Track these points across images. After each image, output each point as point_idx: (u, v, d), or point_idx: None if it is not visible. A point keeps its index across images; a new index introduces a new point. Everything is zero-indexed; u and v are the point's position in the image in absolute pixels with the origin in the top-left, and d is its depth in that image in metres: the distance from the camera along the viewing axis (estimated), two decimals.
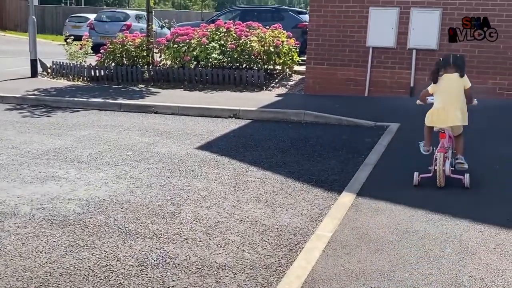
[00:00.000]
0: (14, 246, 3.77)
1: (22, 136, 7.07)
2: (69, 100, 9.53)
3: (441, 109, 5.12)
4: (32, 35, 12.50)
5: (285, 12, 17.15)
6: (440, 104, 5.15)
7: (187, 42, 11.88)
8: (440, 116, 5.12)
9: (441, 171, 4.97)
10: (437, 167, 5.00)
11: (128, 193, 4.95)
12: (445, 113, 5.09)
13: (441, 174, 4.97)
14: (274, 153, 6.47)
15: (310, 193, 5.03)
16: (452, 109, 5.07)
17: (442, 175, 4.97)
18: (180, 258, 3.65)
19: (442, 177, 4.98)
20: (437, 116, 5.14)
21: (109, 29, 21.04)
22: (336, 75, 10.32)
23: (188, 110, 9.00)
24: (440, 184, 4.99)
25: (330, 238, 3.92)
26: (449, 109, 5.08)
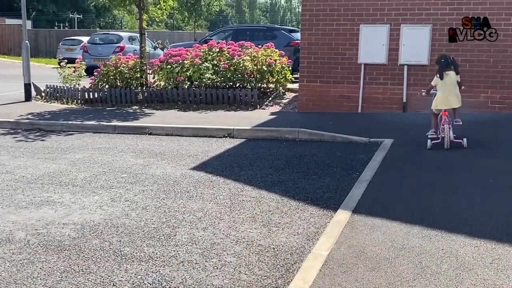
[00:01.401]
0: (9, 273, 3.74)
1: (16, 161, 7.05)
2: (63, 124, 9.53)
3: (445, 97, 7.26)
4: (26, 59, 12.55)
5: (277, 30, 17.28)
6: (444, 93, 7.27)
7: (180, 63, 11.95)
8: (443, 102, 7.26)
9: (448, 137, 7.09)
10: (445, 135, 7.11)
11: (123, 216, 4.93)
12: (447, 100, 7.25)
13: (448, 139, 7.09)
14: (269, 171, 6.47)
15: (306, 212, 5.02)
16: (452, 96, 7.27)
17: (448, 140, 7.09)
18: (177, 281, 3.63)
19: (448, 141, 7.09)
20: (441, 102, 7.27)
21: (103, 52, 21.15)
22: (329, 92, 10.38)
23: (183, 131, 9.01)
24: (447, 146, 7.08)
25: (327, 257, 3.90)
26: (450, 97, 7.26)
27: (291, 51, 14.92)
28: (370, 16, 10.16)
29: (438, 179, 5.92)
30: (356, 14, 10.20)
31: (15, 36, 35.62)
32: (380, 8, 10.10)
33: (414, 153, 7.20)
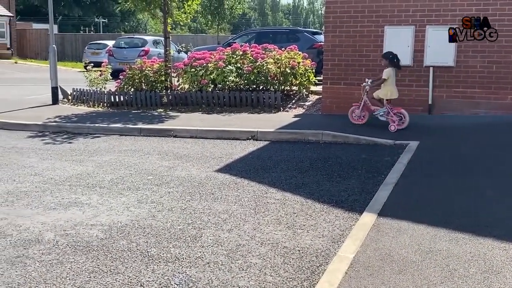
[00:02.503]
0: (38, 273, 3.82)
1: (45, 163, 7.19)
2: (90, 126, 9.68)
3: (394, 88, 8.84)
4: (53, 63, 12.78)
5: (300, 33, 17.27)
6: (392, 85, 8.81)
7: (204, 66, 12.04)
8: (394, 92, 8.83)
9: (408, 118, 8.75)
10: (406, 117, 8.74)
11: (150, 217, 4.98)
12: (393, 91, 8.83)
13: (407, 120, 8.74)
14: (293, 174, 6.48)
15: (331, 214, 5.01)
16: (395, 88, 8.88)
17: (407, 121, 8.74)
18: (203, 282, 3.66)
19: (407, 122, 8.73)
20: (393, 92, 8.82)
21: (128, 55, 21.42)
22: (353, 94, 10.32)
23: (207, 133, 9.07)
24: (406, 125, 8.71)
25: (353, 259, 3.89)
26: (394, 89, 8.85)
27: (314, 53, 14.89)
28: (394, 17, 10.08)
29: (465, 182, 5.84)
30: (380, 16, 10.14)
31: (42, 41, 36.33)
32: (405, 10, 10.02)
33: (441, 156, 7.12)
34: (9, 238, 4.46)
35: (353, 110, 9.32)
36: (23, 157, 7.55)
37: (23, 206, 5.34)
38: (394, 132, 8.45)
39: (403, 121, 8.74)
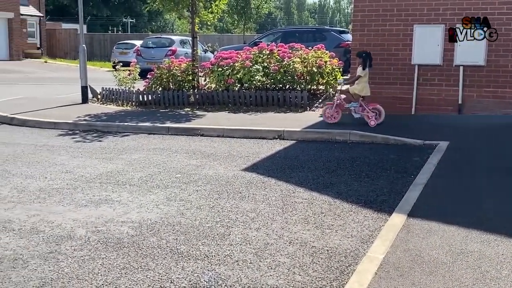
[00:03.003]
0: (71, 268, 3.89)
1: (75, 161, 7.32)
2: (119, 125, 9.81)
3: (366, 86, 9.10)
4: (83, 62, 12.99)
5: (327, 32, 17.21)
6: (366, 83, 9.13)
7: (231, 65, 12.08)
8: (368, 89, 9.15)
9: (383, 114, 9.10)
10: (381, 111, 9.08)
11: (179, 215, 5.03)
12: (367, 88, 9.15)
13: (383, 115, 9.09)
14: (321, 173, 6.46)
15: (359, 214, 4.98)
16: (368, 86, 9.19)
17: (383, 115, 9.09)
18: (232, 280, 3.68)
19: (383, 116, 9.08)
20: (367, 89, 9.13)
21: (155, 55, 21.64)
22: (381, 93, 10.24)
23: (233, 132, 9.10)
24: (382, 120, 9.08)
25: (382, 260, 3.86)
26: (367, 86, 9.17)
27: (341, 52, 14.83)
28: (424, 16, 9.97)
29: (496, 183, 5.75)
30: (409, 14, 10.03)
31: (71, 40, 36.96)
32: (434, 8, 9.89)
33: (471, 156, 7.01)
34: (41, 234, 4.56)
35: (326, 109, 9.50)
36: (54, 155, 7.70)
37: (55, 203, 5.45)
38: (422, 132, 8.34)
39: (379, 116, 9.04)
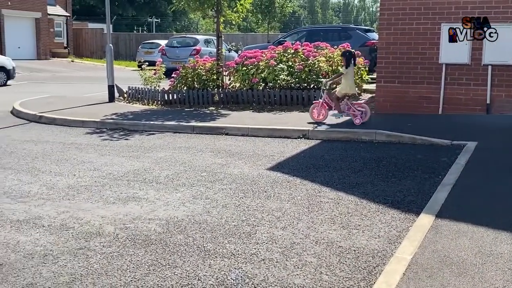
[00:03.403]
0: (100, 264, 3.95)
1: (103, 159, 7.42)
2: (145, 124, 9.90)
3: (351, 84, 9.26)
4: (110, 62, 13.16)
5: (352, 30, 17.08)
6: (350, 81, 9.25)
7: (256, 65, 12.09)
8: (352, 87, 9.28)
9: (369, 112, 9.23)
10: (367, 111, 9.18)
11: (205, 213, 5.06)
12: (352, 86, 9.32)
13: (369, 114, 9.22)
14: (347, 173, 6.42)
15: (387, 215, 4.94)
16: (353, 83, 9.40)
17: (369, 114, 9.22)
18: (259, 278, 3.69)
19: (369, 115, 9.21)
20: (350, 88, 9.23)
21: (180, 54, 21.81)
22: (408, 93, 10.14)
23: (258, 131, 9.11)
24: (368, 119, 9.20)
25: (410, 260, 3.82)
26: (353, 84, 9.37)
27: (367, 51, 14.72)
28: (452, 14, 9.82)
29: None
30: (437, 13, 9.89)
31: (97, 40, 37.49)
32: (462, 7, 9.74)
33: (500, 157, 6.89)
34: (71, 231, 4.63)
35: (314, 107, 9.62)
36: (82, 153, 7.82)
37: (84, 200, 5.53)
38: (449, 132, 8.24)
39: (365, 115, 9.17)
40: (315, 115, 9.57)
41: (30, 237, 4.48)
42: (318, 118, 9.52)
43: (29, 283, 3.65)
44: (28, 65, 26.95)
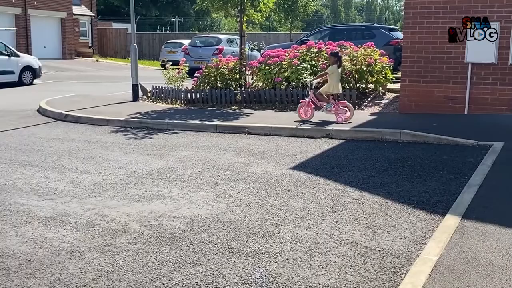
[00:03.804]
0: (126, 261, 3.99)
1: (128, 157, 7.50)
2: (169, 122, 9.98)
3: (335, 84, 9.45)
4: (134, 61, 13.29)
5: (376, 29, 16.92)
6: (334, 81, 9.43)
7: (279, 64, 12.08)
8: (337, 87, 9.47)
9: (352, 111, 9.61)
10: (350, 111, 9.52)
11: (228, 212, 5.08)
12: (338, 86, 9.51)
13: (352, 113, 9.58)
14: (371, 173, 6.37)
15: (412, 215, 4.89)
16: (339, 83, 9.60)
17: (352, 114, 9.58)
18: (283, 277, 3.69)
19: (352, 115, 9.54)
20: (335, 87, 9.44)
21: (203, 54, 21.91)
22: (433, 92, 10.01)
23: (281, 131, 9.10)
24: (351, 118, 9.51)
25: (436, 262, 3.78)
26: (339, 84, 9.56)
27: (391, 50, 14.57)
28: (478, 13, 9.66)
29: None
30: (463, 11, 9.74)
31: (121, 40, 37.87)
32: (489, 5, 9.57)
33: None
34: (97, 228, 4.70)
35: (301, 106, 9.84)
36: (107, 151, 7.91)
37: (109, 197, 5.60)
38: (475, 132, 8.12)
39: (349, 113, 9.46)
40: (302, 114, 9.79)
41: (57, 234, 4.56)
42: (305, 116, 9.75)
43: (57, 279, 3.71)
44: (54, 64, 27.37)
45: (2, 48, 18.64)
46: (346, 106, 9.54)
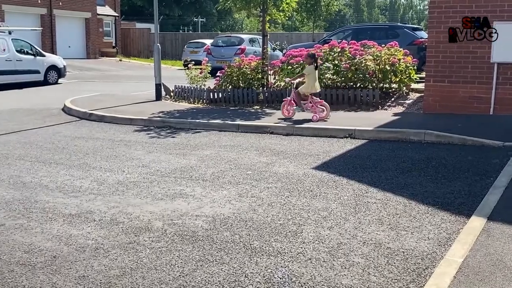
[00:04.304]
0: (149, 259, 4.02)
1: (151, 156, 7.56)
2: (191, 122, 10.03)
3: (312, 84, 9.80)
4: (157, 61, 13.39)
5: (400, 29, 16.76)
6: (311, 81, 9.79)
7: (301, 63, 12.03)
8: (313, 87, 9.82)
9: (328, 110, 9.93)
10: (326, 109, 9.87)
11: (251, 211, 5.08)
12: (313, 86, 9.80)
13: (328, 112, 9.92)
14: (394, 174, 6.31)
15: (436, 216, 4.83)
16: (317, 83, 9.98)
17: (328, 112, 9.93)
18: (305, 277, 3.68)
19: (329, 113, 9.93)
20: (311, 87, 9.80)
21: (225, 54, 21.96)
22: (458, 92, 9.87)
23: (303, 130, 9.08)
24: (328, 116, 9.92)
25: (461, 263, 3.73)
26: (317, 83, 9.93)
27: (415, 50, 14.41)
28: (505, 12, 9.49)
29: None
30: (489, 11, 9.58)
31: (144, 40, 38.21)
32: None
33: None
34: (121, 225, 4.74)
35: (283, 105, 10.29)
36: (130, 150, 7.99)
37: (133, 195, 5.65)
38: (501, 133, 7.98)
39: (325, 112, 9.84)
40: (285, 112, 10.20)
41: (81, 231, 4.62)
42: (288, 114, 10.15)
43: (81, 276, 3.76)
44: (78, 64, 27.75)
45: (28, 48, 18.96)
46: (323, 105, 9.92)
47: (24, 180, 6.32)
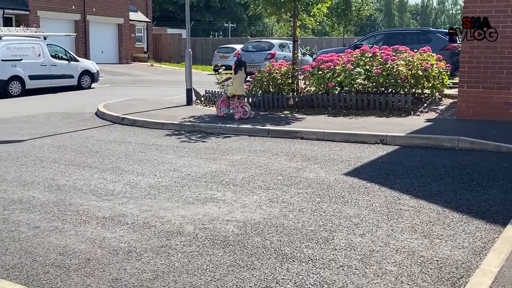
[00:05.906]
0: (181, 263, 4.05)
1: (182, 160, 7.63)
2: (221, 127, 10.09)
3: (237, 87, 11.10)
4: (188, 66, 13.52)
5: (432, 34, 16.54)
6: (237, 84, 11.11)
7: (332, 69, 11.98)
8: (239, 89, 11.07)
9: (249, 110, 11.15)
10: (247, 110, 11.10)
11: (282, 216, 5.07)
12: (238, 88, 11.09)
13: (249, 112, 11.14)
14: (427, 181, 6.22)
15: (471, 225, 4.74)
16: (242, 86, 11.25)
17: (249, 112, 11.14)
18: (337, 285, 3.65)
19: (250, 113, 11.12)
20: (237, 89, 11.06)
21: (255, 58, 22.03)
22: (492, 98, 9.67)
23: (333, 136, 9.02)
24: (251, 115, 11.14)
25: (497, 273, 3.65)
26: (241, 87, 11.18)
27: (448, 55, 14.19)
28: None
29: None
30: None
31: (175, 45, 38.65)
32: None
33: None
34: (153, 229, 4.80)
35: (218, 104, 11.65)
36: (162, 154, 8.08)
37: (164, 199, 5.71)
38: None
39: (246, 112, 11.04)
40: (218, 111, 11.59)
41: (115, 234, 4.69)
42: (220, 113, 11.49)
43: (115, 278, 3.81)
44: (111, 69, 28.23)
45: (62, 53, 19.39)
46: (246, 106, 11.22)
47: (58, 183, 6.45)
